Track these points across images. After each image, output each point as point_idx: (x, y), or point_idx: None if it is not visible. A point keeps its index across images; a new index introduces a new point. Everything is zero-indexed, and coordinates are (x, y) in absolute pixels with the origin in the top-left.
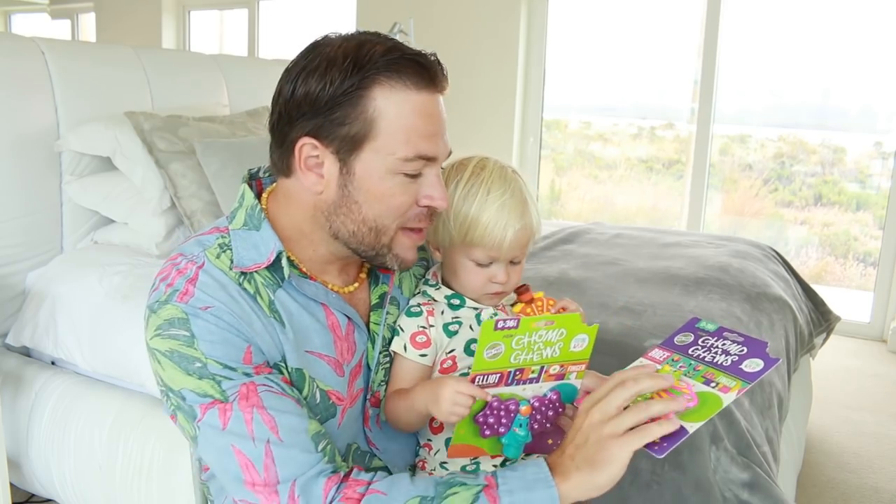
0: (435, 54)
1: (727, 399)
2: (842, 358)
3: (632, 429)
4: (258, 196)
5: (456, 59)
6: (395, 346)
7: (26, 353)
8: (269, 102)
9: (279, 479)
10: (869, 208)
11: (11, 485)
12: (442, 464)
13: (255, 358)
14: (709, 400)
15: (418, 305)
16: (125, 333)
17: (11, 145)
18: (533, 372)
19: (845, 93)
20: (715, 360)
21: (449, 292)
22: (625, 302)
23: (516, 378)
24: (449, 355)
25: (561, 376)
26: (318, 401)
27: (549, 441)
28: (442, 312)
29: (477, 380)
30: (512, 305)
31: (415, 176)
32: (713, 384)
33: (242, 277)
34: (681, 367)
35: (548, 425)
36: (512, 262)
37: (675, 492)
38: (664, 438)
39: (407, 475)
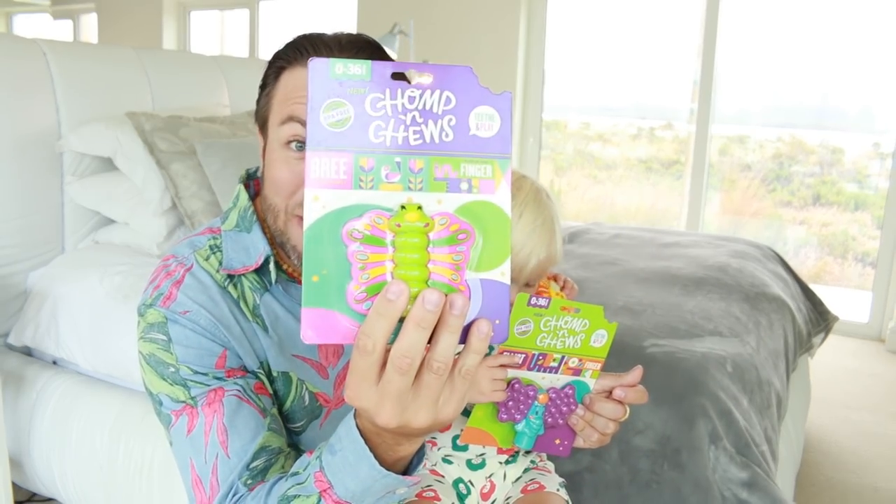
0: (361, 35)
1: (502, 200)
2: (840, 357)
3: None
4: (256, 196)
5: (456, 60)
6: None
7: (28, 352)
8: None
9: (220, 493)
10: (867, 208)
11: (13, 484)
12: (445, 458)
13: (229, 362)
14: (484, 216)
15: None
16: (126, 333)
17: (13, 146)
18: (554, 360)
19: (844, 93)
20: (429, 139)
21: None
22: (624, 302)
23: (538, 363)
24: None
25: (578, 371)
26: (306, 403)
27: (557, 441)
28: None
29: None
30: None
31: (298, 146)
32: (464, 185)
33: (228, 281)
34: (389, 175)
35: (560, 421)
36: (527, 285)
37: (674, 491)
38: (492, 314)
39: (270, 483)
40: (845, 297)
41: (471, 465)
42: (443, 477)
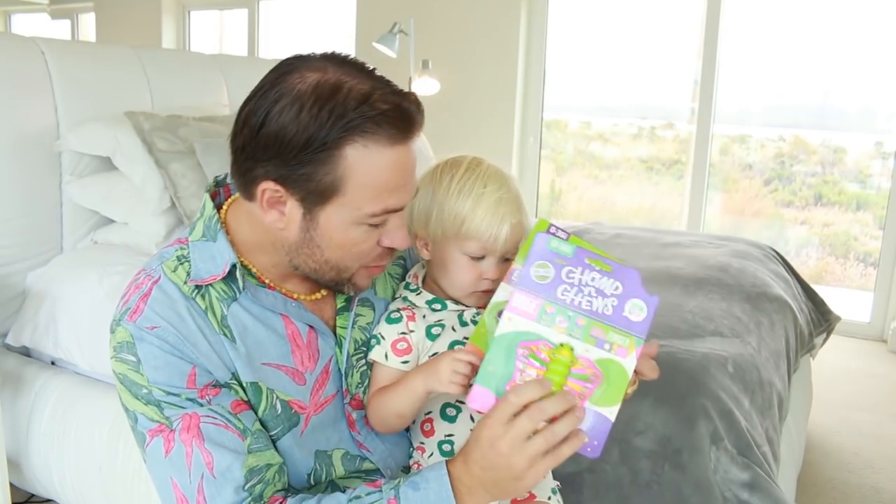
0: (413, 95)
1: (629, 365)
2: (842, 358)
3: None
4: (225, 202)
5: (456, 59)
6: (376, 355)
7: (26, 353)
8: None
9: None
10: (869, 208)
11: (11, 485)
12: None
13: (199, 379)
14: (612, 370)
15: (398, 311)
16: None
17: (12, 145)
18: (518, 274)
19: (845, 93)
20: (594, 308)
21: (430, 297)
22: None
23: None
24: (432, 359)
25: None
26: (279, 411)
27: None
28: (424, 316)
29: (515, 274)
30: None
31: (379, 224)
32: (607, 346)
33: (196, 291)
34: (560, 322)
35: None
36: (505, 260)
37: (675, 492)
38: (593, 436)
39: (314, 499)
40: (847, 297)
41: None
42: None
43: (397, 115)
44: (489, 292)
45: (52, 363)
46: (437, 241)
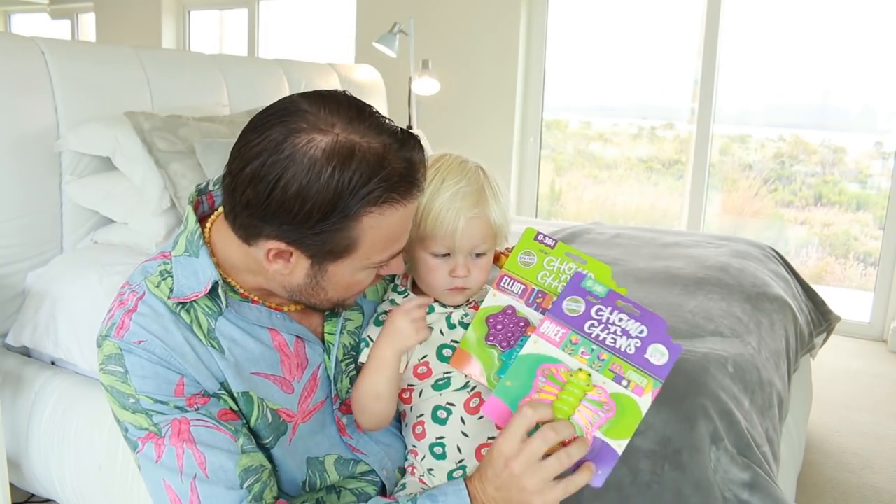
0: (415, 137)
1: (644, 404)
2: (842, 358)
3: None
4: (210, 212)
5: (456, 59)
6: (366, 358)
7: (26, 353)
8: (269, 102)
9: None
10: (869, 208)
11: (11, 485)
12: (429, 470)
13: (188, 389)
14: (626, 407)
15: (385, 313)
16: None
17: (11, 145)
18: (552, 303)
19: (845, 93)
20: (617, 346)
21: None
22: None
23: (537, 301)
24: (422, 361)
25: None
26: (269, 420)
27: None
28: None
29: (504, 281)
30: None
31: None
32: (625, 382)
33: (180, 307)
34: (583, 353)
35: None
36: (477, 256)
37: (675, 492)
38: (598, 465)
39: None
40: (847, 297)
41: (451, 478)
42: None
43: (411, 172)
44: (463, 290)
45: (52, 363)
46: (407, 245)
